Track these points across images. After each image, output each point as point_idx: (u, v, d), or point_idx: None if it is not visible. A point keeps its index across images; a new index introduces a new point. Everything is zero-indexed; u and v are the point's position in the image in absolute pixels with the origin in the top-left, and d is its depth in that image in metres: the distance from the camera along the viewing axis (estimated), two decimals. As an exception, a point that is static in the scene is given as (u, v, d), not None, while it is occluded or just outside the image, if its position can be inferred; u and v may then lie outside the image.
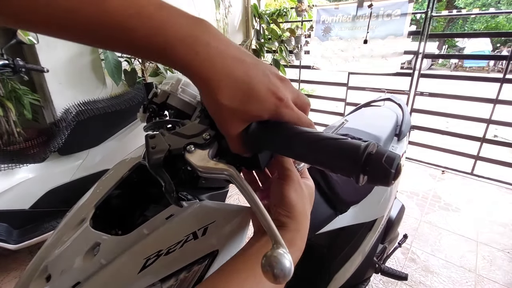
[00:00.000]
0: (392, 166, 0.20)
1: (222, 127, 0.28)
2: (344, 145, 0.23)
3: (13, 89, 1.62)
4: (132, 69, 2.14)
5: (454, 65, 11.31)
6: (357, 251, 0.91)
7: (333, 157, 0.24)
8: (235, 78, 0.24)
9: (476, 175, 2.52)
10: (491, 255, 1.63)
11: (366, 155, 0.21)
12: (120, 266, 0.36)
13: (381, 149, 0.22)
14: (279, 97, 0.26)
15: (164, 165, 0.29)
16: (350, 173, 0.23)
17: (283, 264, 0.17)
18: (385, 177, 0.21)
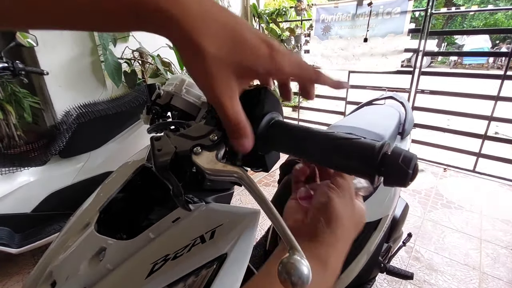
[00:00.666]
0: (410, 167, 0.20)
1: (210, 89, 0.21)
2: (358, 145, 0.23)
3: (13, 92, 1.61)
4: (132, 70, 2.13)
5: (454, 63, 11.31)
6: (362, 251, 0.91)
7: (347, 158, 0.23)
8: (222, 23, 0.20)
9: (478, 172, 2.51)
10: (495, 252, 1.63)
11: (381, 155, 0.21)
12: (127, 271, 0.35)
13: (397, 149, 0.21)
14: (270, 44, 0.22)
15: (171, 168, 0.29)
16: (365, 174, 0.22)
17: (301, 270, 0.17)
18: (403, 178, 0.20)
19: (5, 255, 1.40)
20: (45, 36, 1.76)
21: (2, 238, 1.30)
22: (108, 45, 1.98)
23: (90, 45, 1.98)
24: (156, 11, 0.18)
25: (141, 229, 0.40)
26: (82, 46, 1.94)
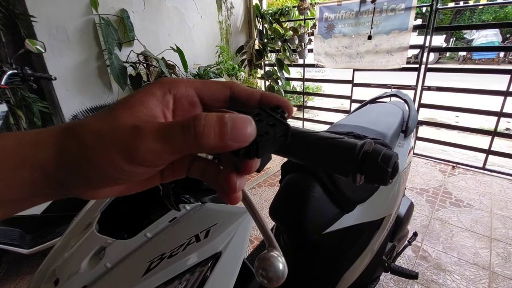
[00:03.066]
0: (389, 165, 0.20)
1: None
2: (340, 144, 0.23)
3: (23, 98, 1.67)
4: (137, 74, 2.17)
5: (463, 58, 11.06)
6: (365, 250, 0.90)
7: (330, 157, 0.24)
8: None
9: (488, 169, 2.45)
10: (505, 252, 1.59)
11: (362, 154, 0.21)
12: (125, 269, 0.36)
13: (377, 148, 0.21)
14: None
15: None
16: (347, 173, 0.23)
17: (277, 266, 0.17)
18: (382, 176, 0.20)
19: (18, 255, 1.44)
20: (53, 42, 1.80)
21: (15, 239, 1.34)
22: (113, 49, 2.02)
23: (96, 50, 2.02)
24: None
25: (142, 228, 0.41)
26: (88, 51, 1.99)
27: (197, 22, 2.78)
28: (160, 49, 2.36)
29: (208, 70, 2.70)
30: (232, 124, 0.16)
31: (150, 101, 0.19)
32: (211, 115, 0.17)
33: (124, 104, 0.19)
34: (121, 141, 0.16)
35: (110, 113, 0.18)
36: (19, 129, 1.66)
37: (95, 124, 0.17)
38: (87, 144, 0.17)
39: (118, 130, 0.17)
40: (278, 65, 3.23)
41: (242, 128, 0.17)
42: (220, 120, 0.16)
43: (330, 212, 0.78)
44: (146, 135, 0.16)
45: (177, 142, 0.16)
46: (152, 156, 0.17)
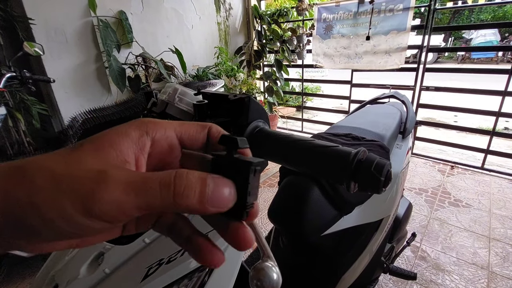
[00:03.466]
0: (382, 174, 0.20)
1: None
2: (334, 153, 0.23)
3: (22, 100, 1.67)
4: (136, 75, 2.17)
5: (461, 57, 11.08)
6: (364, 251, 0.90)
7: (324, 165, 0.24)
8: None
9: (487, 169, 2.46)
10: (504, 251, 1.59)
11: (356, 163, 0.21)
12: (123, 275, 0.37)
13: (370, 156, 0.22)
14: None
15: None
16: (341, 181, 0.23)
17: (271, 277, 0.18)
18: (375, 185, 0.21)
19: (18, 258, 1.44)
20: (51, 44, 1.81)
21: (14, 242, 1.34)
22: (112, 51, 2.02)
23: (94, 52, 2.03)
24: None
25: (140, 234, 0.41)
26: (86, 53, 1.99)
27: (196, 23, 2.78)
28: (159, 50, 2.36)
29: (206, 71, 2.70)
30: (214, 187, 0.15)
31: (122, 143, 0.17)
32: (193, 174, 0.15)
33: (90, 144, 0.16)
34: (81, 189, 0.14)
35: (73, 153, 0.16)
36: (17, 132, 1.66)
37: (52, 165, 0.15)
38: (38, 189, 0.14)
39: (78, 175, 0.14)
40: (277, 66, 3.23)
41: (222, 192, 0.16)
42: (202, 181, 0.15)
43: (329, 214, 0.78)
44: (114, 184, 0.14)
45: (150, 198, 0.14)
46: (117, 210, 0.14)
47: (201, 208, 0.15)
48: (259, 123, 0.30)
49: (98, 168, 0.15)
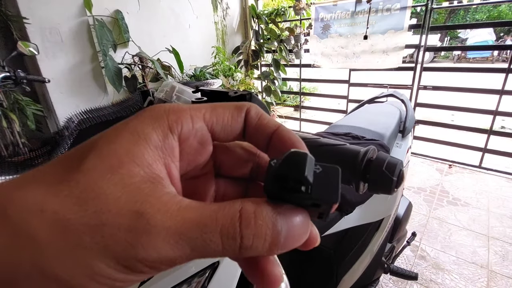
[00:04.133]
0: (394, 174, 0.19)
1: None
2: (342, 152, 0.22)
3: (16, 101, 1.64)
4: (132, 75, 2.15)
5: (457, 57, 11.15)
6: (365, 252, 0.90)
7: None
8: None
9: (485, 168, 2.47)
10: (503, 250, 1.60)
11: (365, 162, 0.20)
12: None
13: (381, 155, 0.20)
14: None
15: None
16: (349, 181, 0.22)
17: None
18: (387, 185, 0.19)
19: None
20: (46, 44, 1.78)
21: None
22: (108, 51, 1.99)
23: (90, 52, 2.00)
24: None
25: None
26: (82, 52, 1.96)
27: (193, 22, 2.76)
28: (156, 50, 2.34)
29: (204, 71, 2.69)
30: (287, 229, 0.12)
31: (145, 153, 0.12)
32: (261, 216, 0.12)
33: (100, 160, 0.11)
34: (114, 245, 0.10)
35: (78, 179, 0.11)
36: (12, 133, 1.63)
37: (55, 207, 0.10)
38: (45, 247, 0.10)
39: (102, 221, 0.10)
40: (275, 66, 3.22)
41: (297, 233, 0.12)
42: (274, 226, 0.12)
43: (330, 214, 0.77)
44: (160, 236, 0.10)
45: (209, 253, 0.11)
46: (165, 265, 0.11)
47: (270, 254, 0.12)
48: None
49: (128, 207, 0.10)
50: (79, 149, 0.12)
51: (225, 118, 0.15)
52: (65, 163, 0.12)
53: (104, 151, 0.12)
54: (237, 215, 0.11)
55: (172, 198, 0.12)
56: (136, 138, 0.12)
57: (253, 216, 0.12)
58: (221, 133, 0.15)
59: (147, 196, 0.11)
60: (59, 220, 0.10)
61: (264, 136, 0.16)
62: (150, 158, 0.12)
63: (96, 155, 0.11)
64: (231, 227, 0.11)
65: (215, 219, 0.11)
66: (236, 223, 0.11)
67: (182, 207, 0.11)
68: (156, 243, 0.10)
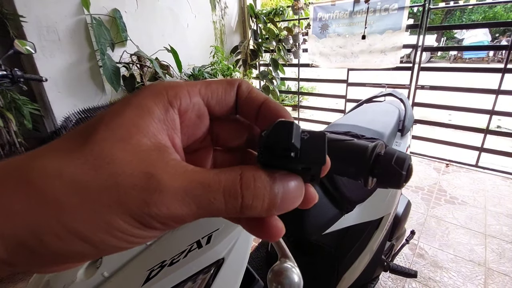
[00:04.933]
0: (403, 168, 0.19)
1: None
2: (350, 147, 0.22)
3: (13, 100, 1.62)
4: (130, 74, 2.13)
5: (454, 57, 11.24)
6: (364, 250, 0.90)
7: (339, 160, 0.23)
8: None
9: (481, 167, 2.49)
10: (500, 248, 1.61)
11: (374, 157, 0.20)
12: (123, 279, 0.35)
13: (390, 150, 0.20)
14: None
15: None
16: (358, 176, 0.22)
17: (291, 279, 0.16)
18: (396, 180, 0.20)
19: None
20: (43, 43, 1.76)
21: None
22: (106, 49, 1.98)
23: (88, 51, 1.99)
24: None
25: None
26: (80, 51, 1.95)
27: (191, 22, 2.75)
28: (154, 49, 2.33)
29: (202, 70, 2.68)
30: (284, 192, 0.13)
31: (150, 125, 0.13)
32: (260, 179, 0.13)
33: (110, 132, 0.12)
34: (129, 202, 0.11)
35: (91, 148, 0.12)
36: (9, 132, 1.62)
37: (72, 170, 0.11)
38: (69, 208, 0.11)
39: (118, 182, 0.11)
40: (273, 65, 3.22)
41: (293, 196, 0.14)
42: (271, 188, 0.13)
43: (330, 213, 0.77)
44: (169, 194, 0.11)
45: (214, 210, 0.12)
46: (175, 221, 0.12)
47: (267, 215, 0.13)
48: None
49: (140, 169, 0.12)
50: (88, 124, 0.13)
51: (219, 92, 0.16)
52: (77, 136, 0.13)
53: (113, 124, 0.13)
54: (238, 177, 0.13)
55: (178, 163, 0.13)
56: (141, 112, 0.13)
57: (252, 179, 0.13)
58: (216, 107, 0.17)
59: (156, 161, 0.12)
60: (78, 182, 0.11)
61: (253, 108, 0.17)
62: (155, 129, 0.13)
63: (106, 128, 0.12)
64: (232, 188, 0.12)
65: (218, 181, 0.12)
66: (237, 185, 0.12)
67: (188, 170, 0.13)
68: (166, 201, 0.12)
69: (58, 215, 0.11)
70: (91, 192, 0.11)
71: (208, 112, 0.17)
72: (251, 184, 0.13)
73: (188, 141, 0.17)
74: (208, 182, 0.12)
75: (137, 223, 0.12)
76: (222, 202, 0.12)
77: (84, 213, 0.11)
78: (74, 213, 0.11)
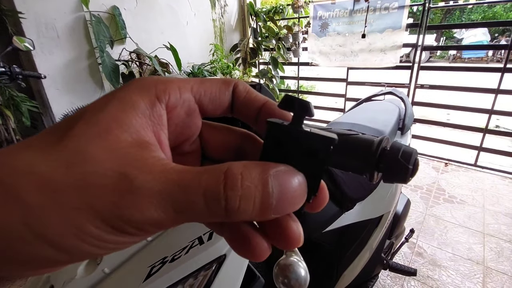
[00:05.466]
0: (410, 162, 0.19)
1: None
2: (355, 141, 0.22)
3: (11, 97, 1.61)
4: (129, 72, 2.12)
5: (453, 57, 11.26)
6: (364, 248, 0.90)
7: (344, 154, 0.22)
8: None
9: (480, 166, 2.50)
10: (498, 247, 1.62)
11: (380, 151, 0.20)
12: (124, 275, 0.35)
13: (396, 144, 0.20)
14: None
15: None
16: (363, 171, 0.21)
17: (298, 273, 0.16)
18: (403, 174, 0.19)
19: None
20: (42, 39, 1.75)
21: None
22: (105, 47, 1.97)
23: (87, 48, 1.98)
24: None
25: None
26: (79, 49, 1.94)
27: (191, 19, 2.74)
28: (153, 47, 2.32)
29: (202, 68, 2.67)
30: (280, 191, 0.12)
31: (133, 119, 0.12)
32: (250, 176, 0.11)
33: (88, 127, 0.11)
34: (99, 204, 0.10)
35: (65, 144, 0.11)
36: (7, 129, 1.61)
37: (43, 169, 0.10)
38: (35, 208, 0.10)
39: (89, 182, 0.10)
40: (273, 64, 3.22)
41: (291, 195, 0.12)
42: (264, 185, 0.11)
43: (330, 211, 0.77)
44: (143, 196, 0.10)
45: (194, 216, 0.11)
46: (150, 226, 0.11)
47: (263, 219, 0.12)
48: None
49: (114, 168, 0.11)
50: (69, 119, 0.12)
51: (212, 91, 0.16)
52: (54, 131, 0.12)
53: (93, 118, 0.12)
54: (222, 177, 0.11)
55: (158, 161, 0.12)
56: (124, 106, 0.12)
57: (239, 177, 0.11)
58: (209, 106, 0.16)
59: (133, 160, 0.11)
60: (47, 181, 0.10)
61: (253, 109, 0.16)
62: (138, 124, 0.12)
63: (84, 122, 0.12)
64: (214, 187, 0.11)
65: (198, 181, 0.11)
66: (220, 185, 0.11)
67: (166, 169, 0.11)
68: (138, 204, 0.10)
69: (24, 218, 0.10)
70: (60, 192, 0.10)
71: (201, 111, 0.16)
72: (237, 183, 0.11)
73: (176, 141, 0.16)
74: (186, 182, 0.11)
75: (109, 228, 0.10)
76: (203, 206, 0.11)
77: (52, 216, 0.10)
78: (42, 216, 0.10)
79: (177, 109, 0.14)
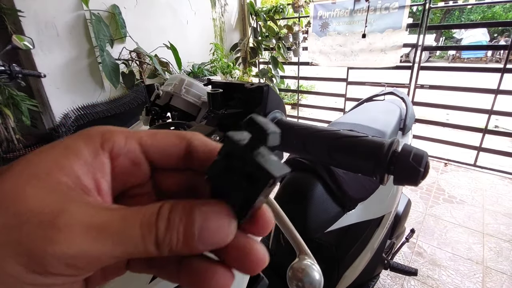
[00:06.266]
0: (421, 165, 0.19)
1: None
2: (365, 143, 0.22)
3: (11, 96, 1.60)
4: (130, 71, 2.12)
5: (452, 57, 11.28)
6: (366, 248, 0.90)
7: (353, 157, 0.22)
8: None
9: (479, 166, 2.50)
10: (497, 246, 1.62)
11: (391, 154, 0.20)
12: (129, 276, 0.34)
13: (407, 147, 0.20)
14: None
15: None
16: (374, 173, 0.21)
17: (312, 276, 0.16)
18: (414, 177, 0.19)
19: None
20: (42, 38, 1.74)
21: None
22: (105, 46, 1.96)
23: (87, 47, 1.97)
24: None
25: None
26: (79, 47, 1.93)
27: (191, 19, 2.73)
28: (153, 46, 2.31)
29: (202, 67, 2.67)
30: (203, 222, 0.12)
31: (74, 166, 0.13)
32: (176, 209, 0.12)
33: (29, 166, 0.12)
34: (27, 241, 0.10)
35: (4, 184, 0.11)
36: (6, 129, 1.60)
37: None
38: None
39: (21, 219, 0.10)
40: (273, 63, 3.21)
41: (217, 227, 0.12)
42: (187, 217, 0.12)
43: (332, 211, 0.77)
44: (79, 229, 0.10)
45: (132, 248, 0.11)
46: (85, 262, 0.11)
47: (190, 250, 0.12)
48: (277, 113, 0.29)
49: (51, 207, 0.11)
50: (14, 162, 0.13)
51: (162, 144, 0.16)
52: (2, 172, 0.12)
53: (35, 160, 0.12)
54: (157, 209, 0.12)
55: (97, 202, 0.13)
56: (68, 152, 0.13)
57: (168, 210, 0.12)
58: (159, 158, 0.16)
59: (71, 200, 0.12)
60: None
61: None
62: (79, 171, 0.13)
63: (25, 163, 0.12)
64: (149, 219, 0.12)
65: (136, 214, 0.12)
66: (153, 216, 0.12)
67: (105, 207, 0.12)
68: (73, 237, 0.10)
69: None
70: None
71: (151, 161, 0.16)
72: (165, 215, 0.12)
73: (124, 186, 0.16)
74: (126, 215, 0.12)
75: (34, 265, 0.10)
76: (139, 237, 0.11)
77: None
78: None
79: (121, 158, 0.15)
